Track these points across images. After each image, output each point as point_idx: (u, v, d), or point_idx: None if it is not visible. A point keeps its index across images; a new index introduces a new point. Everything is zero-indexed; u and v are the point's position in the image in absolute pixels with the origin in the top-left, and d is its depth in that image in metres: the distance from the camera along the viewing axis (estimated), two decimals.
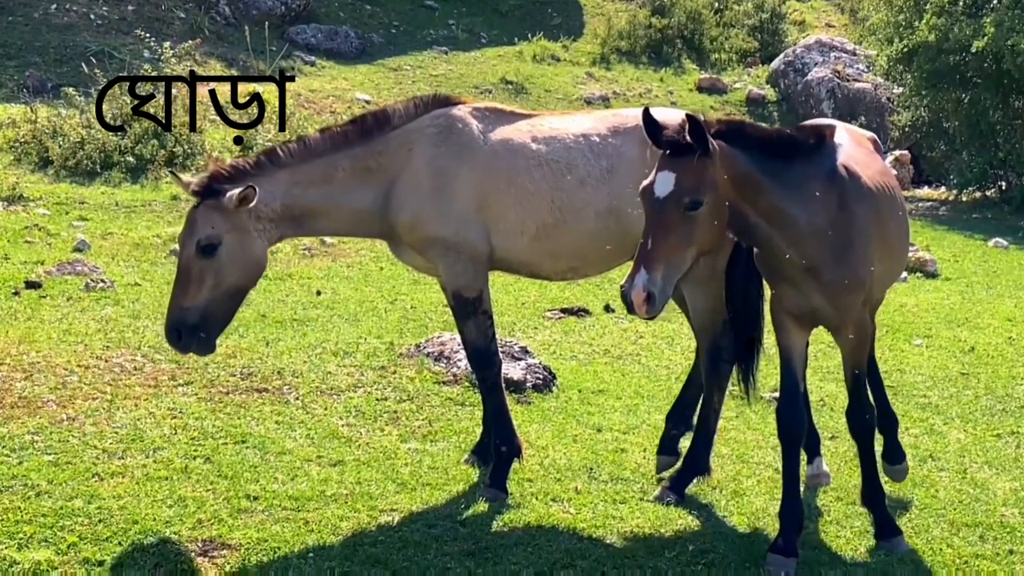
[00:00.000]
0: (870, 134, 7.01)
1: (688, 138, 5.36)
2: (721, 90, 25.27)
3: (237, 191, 6.33)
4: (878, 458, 6.66)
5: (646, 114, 5.55)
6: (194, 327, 6.44)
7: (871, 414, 6.32)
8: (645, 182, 5.45)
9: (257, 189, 6.36)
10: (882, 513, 6.37)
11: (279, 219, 6.60)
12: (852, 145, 6.27)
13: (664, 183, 5.37)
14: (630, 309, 5.32)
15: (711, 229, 5.44)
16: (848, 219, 5.78)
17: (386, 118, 6.79)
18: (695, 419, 7.37)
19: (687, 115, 5.43)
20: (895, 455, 7.10)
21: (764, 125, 6.51)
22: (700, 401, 7.24)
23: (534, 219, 6.76)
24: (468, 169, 6.71)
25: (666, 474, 7.15)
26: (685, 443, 7.31)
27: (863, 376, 6.26)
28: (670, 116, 7.28)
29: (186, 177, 6.67)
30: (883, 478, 6.70)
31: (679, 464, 7.14)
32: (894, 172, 6.74)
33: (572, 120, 7.13)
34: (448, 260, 6.73)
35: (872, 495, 6.38)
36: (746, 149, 5.60)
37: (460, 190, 6.68)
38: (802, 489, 6.46)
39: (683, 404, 7.48)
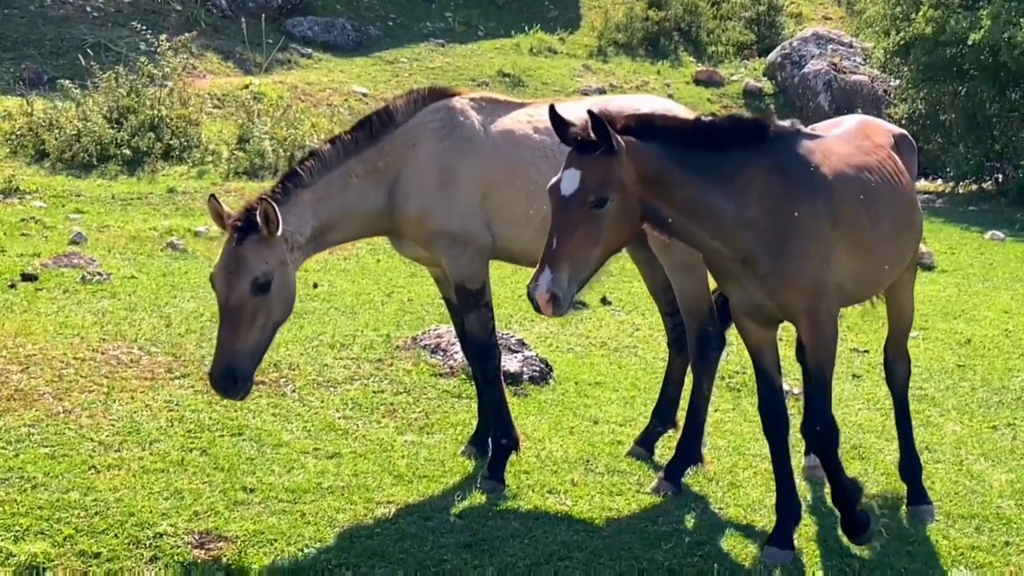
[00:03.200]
0: (898, 130, 6.75)
1: (593, 135, 5.27)
2: (718, 83, 25.26)
3: (259, 214, 6.15)
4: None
5: (552, 112, 5.46)
6: (245, 369, 6.20)
7: (823, 427, 5.91)
8: (552, 180, 5.39)
9: (274, 205, 6.18)
10: (850, 513, 6.09)
11: (307, 242, 6.52)
12: (840, 139, 6.18)
13: (569, 181, 5.29)
14: (536, 309, 5.30)
15: (619, 227, 5.35)
16: (790, 211, 5.61)
17: (390, 117, 6.78)
18: (679, 415, 7.48)
19: (589, 112, 5.32)
20: (919, 497, 6.75)
21: (687, 115, 6.39)
22: (688, 394, 7.27)
23: (539, 210, 6.76)
24: (472, 162, 6.75)
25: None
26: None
27: (822, 383, 5.93)
28: (659, 105, 7.37)
29: (226, 209, 6.38)
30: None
31: (673, 454, 7.16)
32: (895, 166, 6.34)
33: (574, 108, 7.14)
34: (454, 252, 6.74)
35: (840, 496, 6.08)
36: (661, 143, 5.48)
37: (465, 183, 6.71)
38: (798, 482, 6.47)
39: (667, 402, 7.56)
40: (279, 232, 6.20)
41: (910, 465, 6.81)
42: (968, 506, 6.83)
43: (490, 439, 7.04)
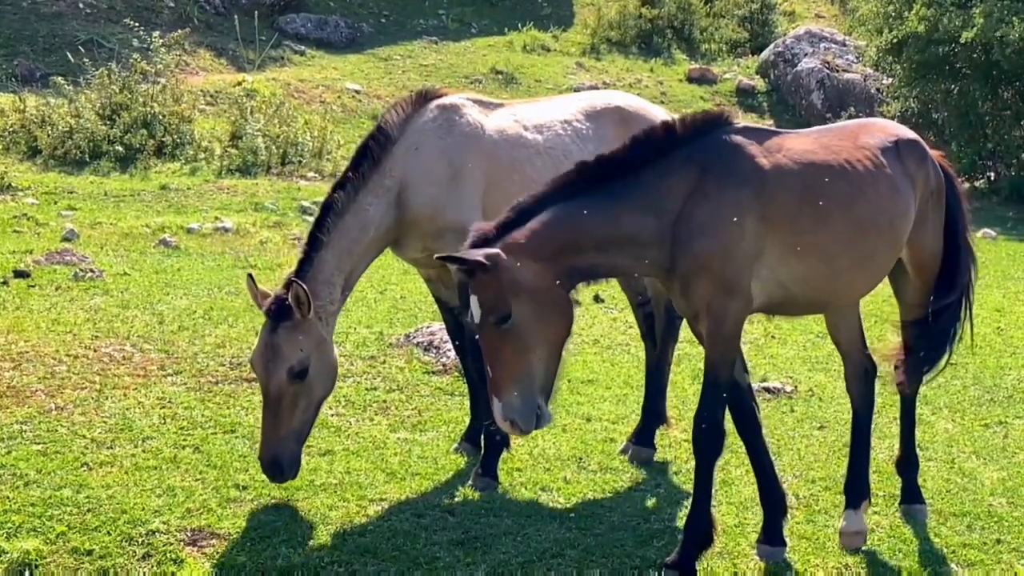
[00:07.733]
0: (906, 135, 6.32)
1: (475, 258, 5.10)
2: (711, 80, 25.28)
3: (291, 298, 6.17)
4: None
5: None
6: (293, 453, 6.27)
7: (708, 428, 5.67)
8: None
9: (304, 286, 6.18)
10: (688, 556, 5.72)
11: (337, 302, 6.53)
12: (806, 136, 6.00)
13: (473, 309, 5.16)
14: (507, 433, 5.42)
15: (545, 322, 5.16)
16: (708, 207, 5.41)
17: (386, 136, 6.79)
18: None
19: (472, 231, 5.24)
20: (912, 496, 6.71)
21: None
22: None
23: None
24: (476, 156, 6.86)
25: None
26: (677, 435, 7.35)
27: (715, 386, 5.66)
28: (632, 101, 7.51)
29: (262, 289, 6.37)
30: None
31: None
32: (873, 169, 5.98)
33: (549, 107, 7.38)
34: (461, 246, 6.77)
35: (692, 529, 5.77)
36: (563, 199, 5.30)
37: (470, 176, 6.81)
38: (788, 481, 6.47)
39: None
40: (312, 312, 6.23)
41: (907, 464, 6.80)
42: (960, 504, 6.85)
43: (483, 436, 7.04)
